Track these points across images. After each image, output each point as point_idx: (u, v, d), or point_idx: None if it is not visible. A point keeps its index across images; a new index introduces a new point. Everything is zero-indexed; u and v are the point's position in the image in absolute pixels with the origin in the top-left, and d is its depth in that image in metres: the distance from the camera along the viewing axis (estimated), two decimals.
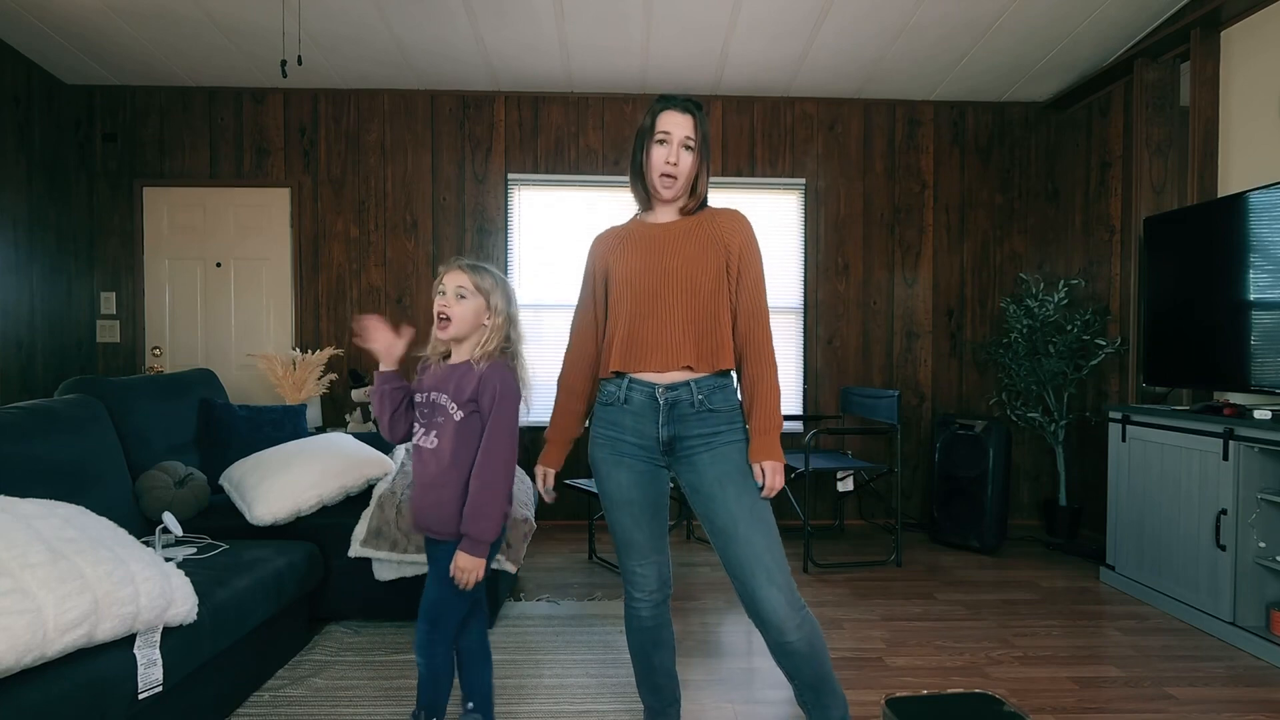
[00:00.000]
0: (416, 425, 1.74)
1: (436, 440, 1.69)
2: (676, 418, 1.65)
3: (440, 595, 1.71)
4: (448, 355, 1.77)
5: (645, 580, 1.73)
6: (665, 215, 1.74)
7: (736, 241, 1.69)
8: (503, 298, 1.72)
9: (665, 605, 1.78)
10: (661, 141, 1.65)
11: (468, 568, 1.65)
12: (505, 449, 1.67)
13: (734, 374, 1.73)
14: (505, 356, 1.73)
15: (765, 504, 1.65)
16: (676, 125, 1.65)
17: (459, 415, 1.67)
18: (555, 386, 1.84)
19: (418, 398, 1.76)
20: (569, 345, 1.83)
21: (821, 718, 1.69)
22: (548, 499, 1.84)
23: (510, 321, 1.74)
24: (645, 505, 1.70)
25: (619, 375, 1.69)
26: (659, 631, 1.78)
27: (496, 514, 1.66)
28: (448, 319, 1.67)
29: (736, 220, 1.72)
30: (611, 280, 1.72)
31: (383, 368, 1.72)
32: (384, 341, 1.71)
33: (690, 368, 1.64)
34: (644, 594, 1.74)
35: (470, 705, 1.86)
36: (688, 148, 1.65)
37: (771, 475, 1.64)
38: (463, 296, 1.68)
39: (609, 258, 1.74)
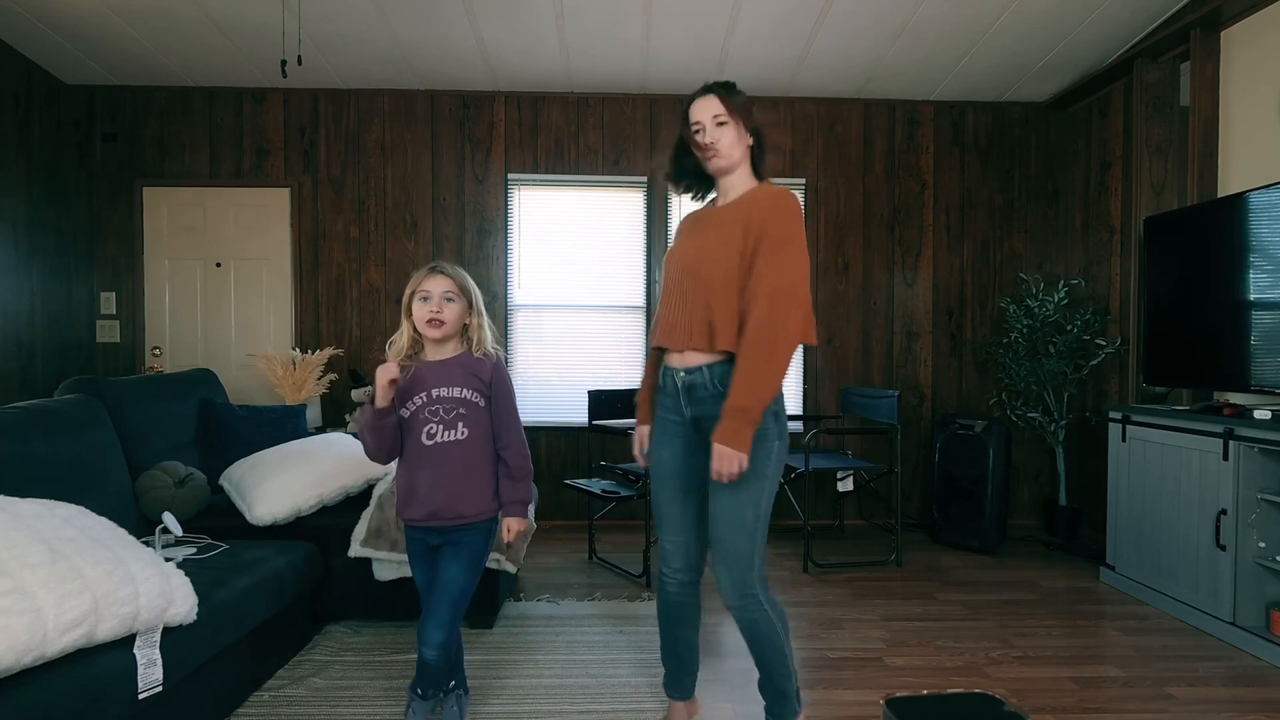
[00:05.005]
0: (430, 425, 1.81)
1: (466, 431, 1.81)
2: (696, 400, 1.73)
3: (471, 580, 1.84)
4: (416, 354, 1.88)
5: (672, 556, 1.83)
6: (730, 196, 1.78)
7: (757, 219, 1.64)
8: (477, 294, 1.88)
9: (693, 587, 1.86)
10: (697, 131, 1.73)
11: (520, 528, 1.86)
12: (519, 420, 1.91)
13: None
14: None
15: (747, 494, 1.64)
16: (703, 111, 1.72)
17: (482, 402, 1.84)
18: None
19: (418, 399, 1.82)
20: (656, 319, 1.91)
21: (775, 709, 1.81)
22: (642, 462, 1.93)
23: (482, 314, 1.91)
24: (679, 483, 1.80)
25: (664, 364, 1.82)
26: (683, 609, 1.87)
27: (531, 477, 1.90)
28: (441, 322, 1.79)
29: (763, 197, 1.68)
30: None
31: (381, 404, 1.76)
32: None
33: (699, 349, 1.69)
34: (670, 570, 1.84)
35: (453, 683, 1.96)
36: (720, 123, 1.70)
37: (717, 459, 1.58)
38: (450, 299, 1.80)
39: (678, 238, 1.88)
